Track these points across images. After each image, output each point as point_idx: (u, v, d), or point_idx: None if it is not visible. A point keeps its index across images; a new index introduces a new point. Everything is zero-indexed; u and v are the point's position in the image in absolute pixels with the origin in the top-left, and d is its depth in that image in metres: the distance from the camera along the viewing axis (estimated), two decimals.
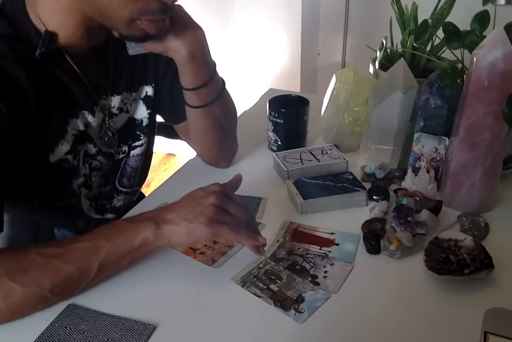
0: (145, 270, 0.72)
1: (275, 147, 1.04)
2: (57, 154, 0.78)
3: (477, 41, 0.77)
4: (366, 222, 0.80)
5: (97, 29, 0.75)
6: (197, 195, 0.70)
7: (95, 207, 0.93)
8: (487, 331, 0.60)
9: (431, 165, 0.88)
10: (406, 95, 0.90)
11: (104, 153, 0.88)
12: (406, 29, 1.10)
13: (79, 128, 0.80)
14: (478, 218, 0.80)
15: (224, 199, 0.69)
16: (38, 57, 0.71)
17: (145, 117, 0.92)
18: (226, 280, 0.71)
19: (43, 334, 0.61)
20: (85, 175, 0.86)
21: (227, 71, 1.17)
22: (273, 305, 0.66)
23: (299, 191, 0.86)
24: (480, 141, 0.78)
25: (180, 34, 0.77)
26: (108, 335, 0.61)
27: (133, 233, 0.67)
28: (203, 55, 0.82)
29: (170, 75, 0.89)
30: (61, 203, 0.85)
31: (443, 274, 0.67)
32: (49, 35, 0.71)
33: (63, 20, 0.71)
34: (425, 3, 1.10)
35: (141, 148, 0.94)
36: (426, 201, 0.83)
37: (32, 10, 0.71)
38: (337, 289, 0.69)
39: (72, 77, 0.77)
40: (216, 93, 0.88)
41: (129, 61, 0.85)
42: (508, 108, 0.70)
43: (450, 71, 0.80)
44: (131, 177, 0.96)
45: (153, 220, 0.68)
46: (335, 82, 1.01)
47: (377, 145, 0.96)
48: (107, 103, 0.84)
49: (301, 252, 0.76)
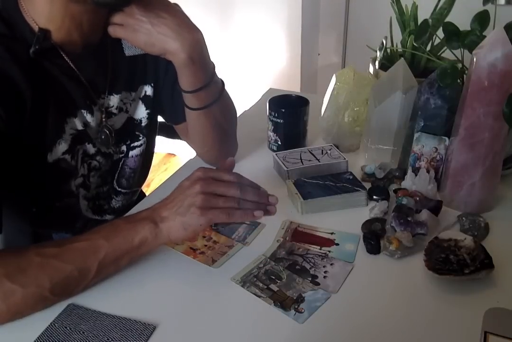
0: (145, 270, 0.72)
1: (275, 147, 1.04)
2: (55, 154, 0.78)
3: (477, 41, 0.77)
4: (366, 222, 0.80)
5: (86, 24, 0.75)
6: (183, 186, 0.70)
7: (93, 208, 0.93)
8: (487, 331, 0.60)
9: (431, 165, 0.88)
10: (406, 95, 0.90)
11: (103, 153, 0.87)
12: (406, 29, 1.10)
13: (78, 128, 0.80)
14: (478, 218, 0.80)
15: (210, 183, 0.68)
16: (32, 55, 0.70)
17: (144, 118, 0.92)
18: (226, 280, 0.71)
19: (43, 334, 0.61)
20: (84, 175, 0.86)
21: (227, 71, 1.17)
22: (273, 305, 0.66)
23: (299, 191, 0.86)
24: (480, 141, 0.78)
25: (179, 37, 0.77)
26: (108, 335, 0.61)
27: (131, 232, 0.67)
28: (202, 57, 0.82)
29: (170, 75, 0.89)
30: (59, 204, 0.85)
31: (443, 274, 0.67)
32: (43, 32, 0.71)
33: (48, 12, 0.71)
34: (425, 3, 1.10)
35: (140, 149, 0.94)
36: (426, 201, 0.83)
37: (23, 8, 0.71)
38: (337, 289, 0.69)
39: (69, 76, 0.76)
40: (216, 95, 0.87)
41: (128, 61, 0.85)
42: (508, 108, 0.70)
43: (450, 71, 0.80)
44: (129, 177, 0.96)
45: (150, 218, 0.68)
46: (335, 82, 1.01)
47: (377, 145, 0.96)
48: (106, 102, 0.84)
49: (301, 252, 0.76)
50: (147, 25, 0.75)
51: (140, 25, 0.76)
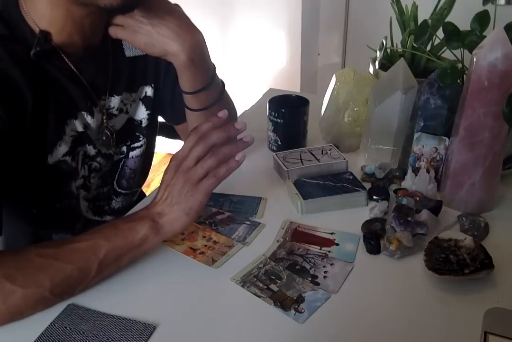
0: (145, 270, 0.72)
1: (275, 147, 1.04)
2: (55, 155, 0.78)
3: (477, 41, 0.77)
4: (366, 222, 0.80)
5: (87, 27, 0.74)
6: (165, 179, 0.71)
7: (93, 209, 0.93)
8: (487, 331, 0.60)
9: (431, 165, 0.88)
10: (406, 95, 0.90)
11: (104, 154, 0.87)
12: (406, 29, 1.10)
13: (78, 130, 0.80)
14: (478, 218, 0.80)
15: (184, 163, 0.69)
16: (33, 57, 0.70)
17: (144, 118, 0.91)
18: (226, 280, 0.71)
19: (43, 334, 0.61)
20: (84, 177, 0.86)
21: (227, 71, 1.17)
22: (273, 305, 0.66)
23: (299, 191, 0.86)
24: (480, 141, 0.78)
25: (179, 38, 0.77)
26: (108, 335, 0.61)
27: (131, 232, 0.67)
28: (203, 59, 0.82)
29: (171, 76, 0.89)
30: (59, 205, 0.85)
31: (443, 274, 0.67)
32: (44, 34, 0.71)
33: (49, 15, 0.71)
34: (425, 3, 1.10)
35: (140, 149, 0.94)
36: (426, 201, 0.83)
37: (24, 10, 0.71)
38: (337, 289, 0.69)
39: (69, 78, 0.76)
40: (216, 96, 0.87)
41: (129, 62, 0.85)
42: (508, 108, 0.70)
43: (450, 71, 0.80)
44: (130, 178, 0.96)
45: (148, 217, 0.69)
46: (335, 82, 1.01)
47: (377, 145, 0.96)
48: (107, 104, 0.84)
49: (301, 252, 0.76)
50: (147, 26, 0.75)
51: (140, 26, 0.76)
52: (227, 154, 0.68)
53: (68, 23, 0.72)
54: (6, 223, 0.70)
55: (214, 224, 0.82)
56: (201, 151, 0.68)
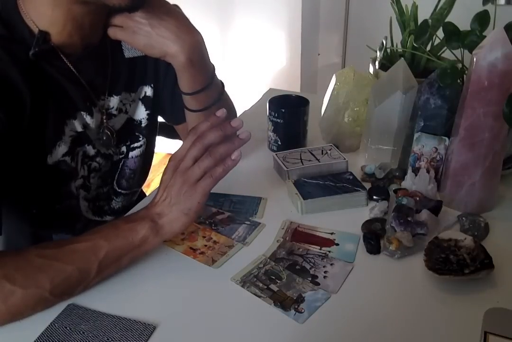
0: (145, 270, 0.72)
1: (275, 147, 1.04)
2: (55, 156, 0.78)
3: (477, 41, 0.77)
4: (366, 222, 0.80)
5: (87, 26, 0.74)
6: (164, 180, 0.71)
7: (93, 209, 0.93)
8: (487, 331, 0.60)
9: (431, 165, 0.88)
10: (406, 95, 0.90)
11: (103, 154, 0.87)
12: (406, 29, 1.10)
13: (77, 130, 0.80)
14: (478, 218, 0.80)
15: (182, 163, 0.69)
16: (32, 57, 0.70)
17: (144, 118, 0.91)
18: (226, 280, 0.71)
19: (43, 334, 0.61)
20: (84, 177, 0.86)
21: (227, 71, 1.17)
22: (273, 305, 0.66)
23: (299, 191, 0.86)
24: (480, 141, 0.78)
25: (178, 39, 0.77)
26: (108, 335, 0.61)
27: (132, 232, 0.67)
28: (202, 60, 0.82)
29: (170, 76, 0.89)
30: (59, 205, 0.85)
31: (443, 274, 0.67)
32: (43, 34, 0.71)
33: (50, 15, 0.71)
34: (425, 3, 1.10)
35: (140, 149, 0.94)
36: (426, 201, 0.83)
37: (23, 10, 0.71)
38: (337, 289, 0.69)
39: (68, 78, 0.76)
40: (215, 97, 0.87)
41: (128, 62, 0.85)
42: (508, 108, 0.70)
43: (450, 71, 0.80)
44: (129, 178, 0.96)
45: (148, 217, 0.69)
46: (335, 82, 1.01)
47: (377, 145, 0.96)
48: (106, 104, 0.84)
49: (301, 252, 0.76)
50: (146, 27, 0.75)
51: (139, 27, 0.75)
52: (224, 154, 0.68)
53: (68, 23, 0.72)
54: (6, 223, 0.70)
55: (214, 224, 0.82)
56: (198, 151, 0.68)
